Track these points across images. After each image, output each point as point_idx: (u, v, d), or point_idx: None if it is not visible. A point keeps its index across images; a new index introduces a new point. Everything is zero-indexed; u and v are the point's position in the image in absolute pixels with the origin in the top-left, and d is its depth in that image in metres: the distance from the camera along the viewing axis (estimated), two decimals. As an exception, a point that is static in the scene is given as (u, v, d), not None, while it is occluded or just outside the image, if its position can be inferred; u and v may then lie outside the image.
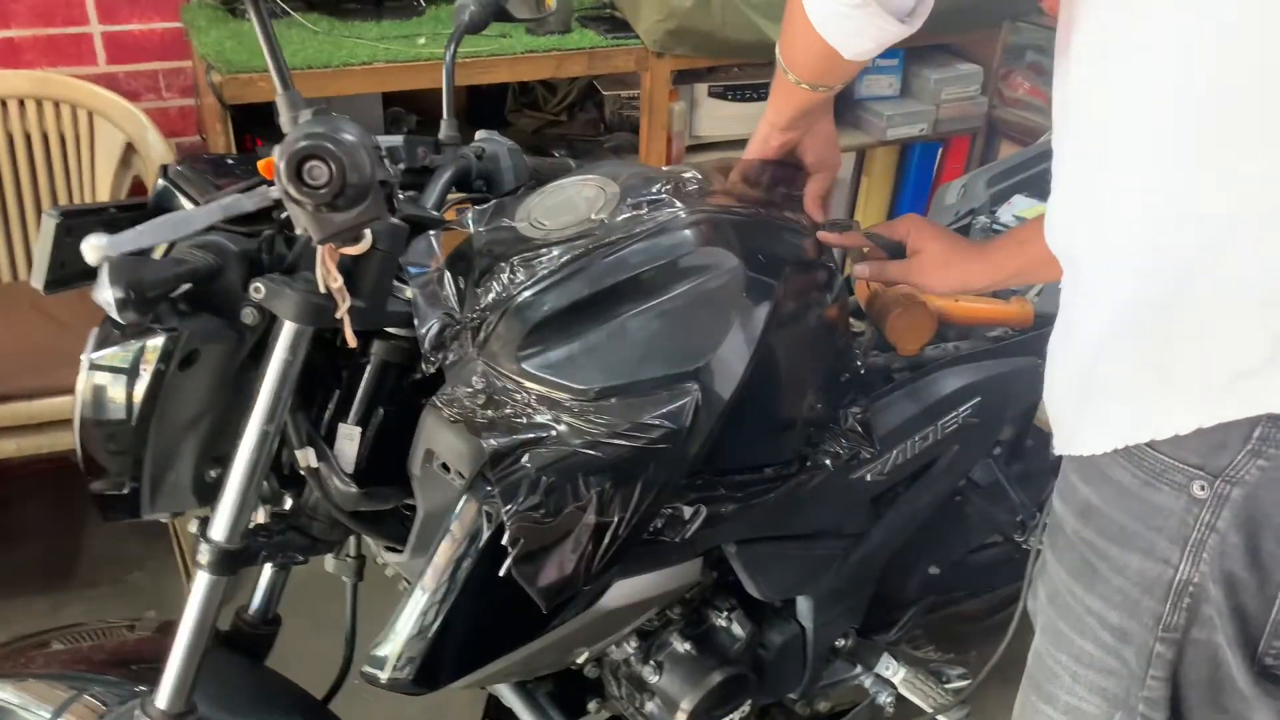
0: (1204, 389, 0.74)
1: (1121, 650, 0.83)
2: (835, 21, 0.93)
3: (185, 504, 0.93)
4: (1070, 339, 0.85)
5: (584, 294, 0.93)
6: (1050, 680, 0.90)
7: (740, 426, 0.99)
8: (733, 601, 1.27)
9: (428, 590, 0.90)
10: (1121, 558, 0.81)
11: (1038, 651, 0.92)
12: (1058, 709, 0.90)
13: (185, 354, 0.82)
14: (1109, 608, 0.83)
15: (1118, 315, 0.77)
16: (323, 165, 0.61)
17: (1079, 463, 0.83)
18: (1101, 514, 0.81)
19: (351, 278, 0.85)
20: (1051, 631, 0.89)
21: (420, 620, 0.90)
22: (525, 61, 1.93)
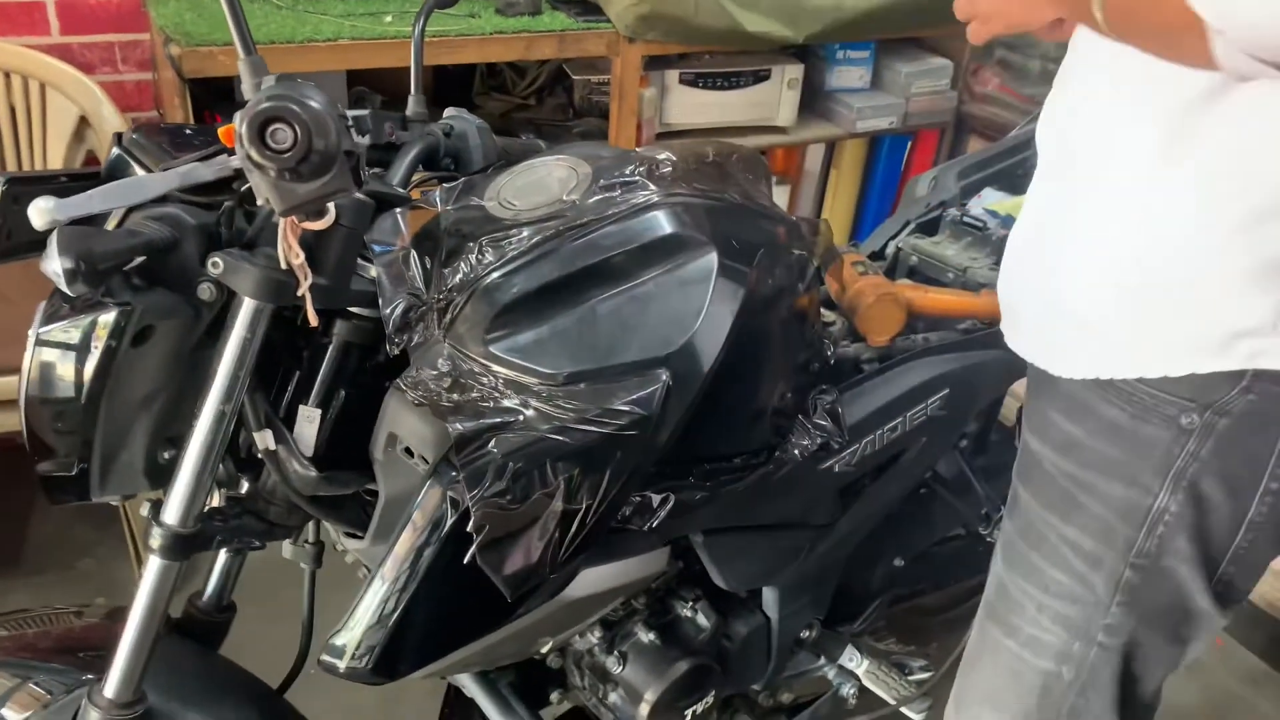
0: (1202, 343, 0.77)
1: (1091, 577, 0.88)
2: None
3: (137, 486, 0.90)
4: (1061, 258, 0.84)
5: (554, 276, 0.91)
6: (1014, 612, 0.94)
7: (711, 414, 0.97)
8: (698, 592, 1.26)
9: (388, 578, 0.87)
10: (1105, 487, 0.85)
11: (1002, 585, 0.96)
12: (1019, 640, 0.94)
13: (138, 330, 0.78)
14: (1085, 535, 0.87)
15: (1118, 256, 0.79)
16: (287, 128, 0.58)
17: (1061, 400, 0.86)
18: (1086, 447, 0.85)
19: (314, 254, 0.82)
20: (1021, 564, 0.93)
21: (380, 609, 0.87)
22: (494, 42, 1.90)
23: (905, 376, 1.26)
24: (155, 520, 0.85)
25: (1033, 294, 0.90)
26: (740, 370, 1.00)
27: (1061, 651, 0.92)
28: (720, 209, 1.02)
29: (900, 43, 2.42)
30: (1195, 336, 0.77)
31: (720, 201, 1.03)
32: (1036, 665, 0.94)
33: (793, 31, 2.10)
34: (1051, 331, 0.88)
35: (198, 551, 0.87)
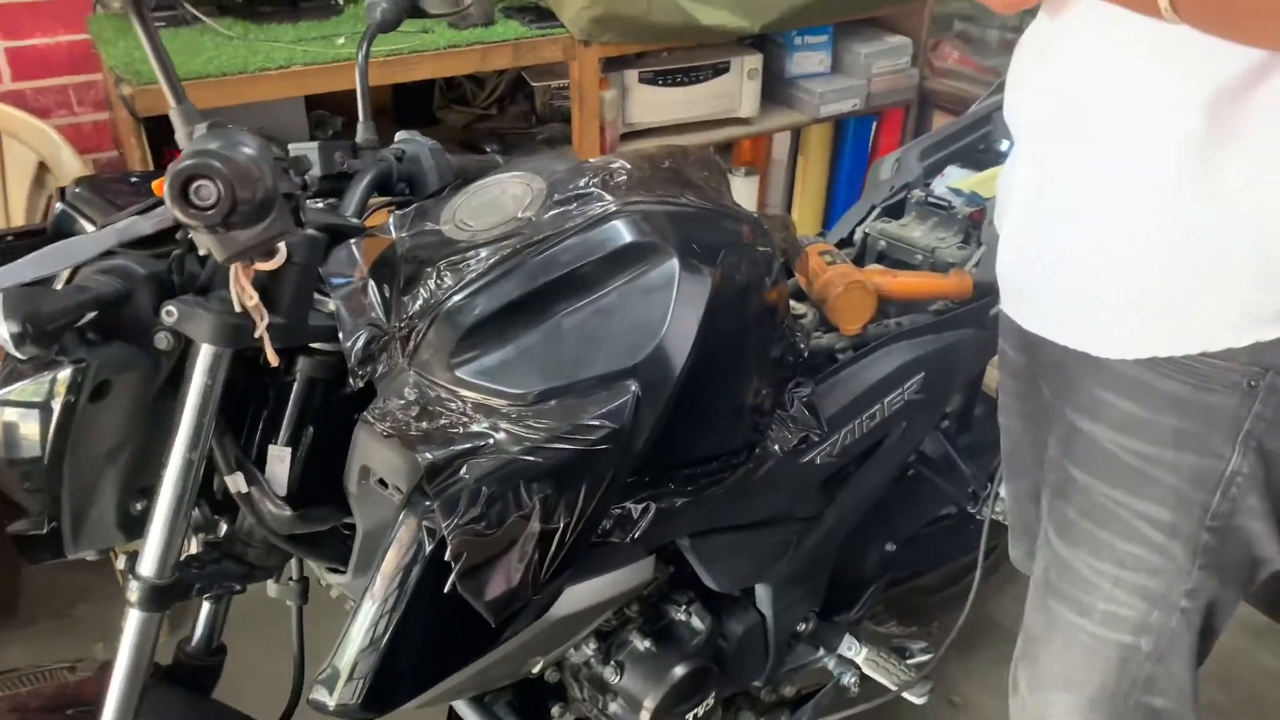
0: (1262, 311, 0.78)
1: (1170, 546, 0.89)
2: None
3: (111, 540, 0.89)
4: (1097, 236, 0.84)
5: (516, 295, 0.91)
6: (1086, 591, 0.94)
7: (686, 419, 0.97)
8: (690, 594, 1.25)
9: (371, 612, 0.86)
10: (1176, 458, 0.86)
11: (1066, 565, 0.96)
12: (1094, 619, 0.95)
13: (96, 385, 0.78)
14: (1160, 507, 0.88)
15: (1167, 231, 0.79)
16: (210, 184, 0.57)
17: (1110, 378, 0.87)
18: (1150, 423, 0.86)
19: (268, 294, 0.81)
20: (1088, 543, 0.93)
21: (365, 643, 0.87)
22: (449, 56, 1.88)
23: (880, 363, 1.26)
24: (131, 573, 0.84)
25: (1060, 274, 0.88)
26: (712, 372, 1.00)
27: (1140, 623, 0.93)
28: (679, 213, 1.01)
29: (857, 24, 2.41)
30: (1256, 307, 0.79)
31: (678, 205, 1.02)
32: (1114, 639, 0.94)
33: (748, 21, 2.09)
34: (1091, 312, 0.87)
35: (177, 601, 0.86)
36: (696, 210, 1.04)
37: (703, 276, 0.97)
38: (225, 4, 1.98)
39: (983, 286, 1.34)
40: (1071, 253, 0.86)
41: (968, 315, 1.34)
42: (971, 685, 1.84)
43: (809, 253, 1.33)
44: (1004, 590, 2.03)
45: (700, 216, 1.04)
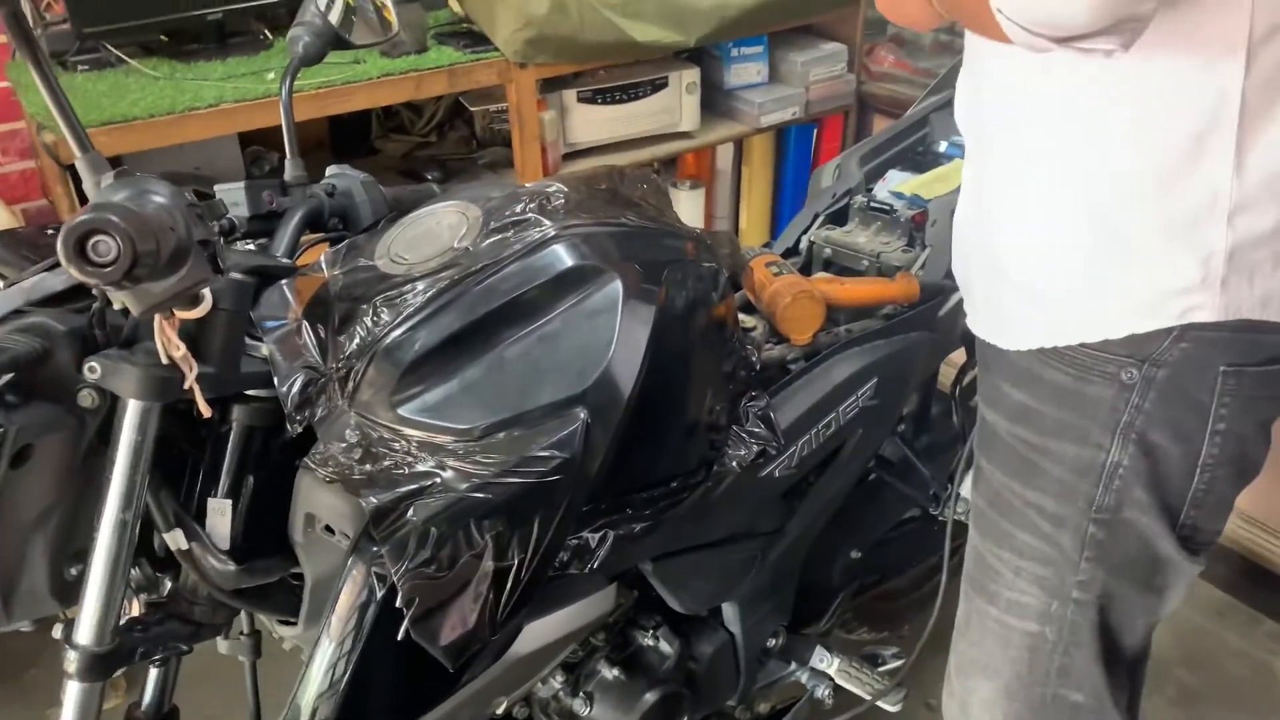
0: (1136, 304, 0.80)
1: (1058, 536, 0.91)
2: None
3: (46, 609, 0.85)
4: (1000, 233, 0.88)
5: (456, 327, 0.88)
6: (993, 579, 0.96)
7: (640, 441, 0.95)
8: (657, 618, 1.23)
9: (323, 666, 0.84)
10: (1059, 448, 0.88)
11: (978, 555, 0.98)
12: (1000, 606, 0.96)
13: (17, 450, 0.74)
14: (1046, 497, 0.90)
15: (1055, 227, 0.82)
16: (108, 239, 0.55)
17: (1009, 371, 0.90)
18: (1037, 413, 0.88)
19: (196, 343, 0.79)
20: (993, 532, 0.95)
21: (324, 687, 0.84)
22: (383, 86, 1.86)
23: (833, 371, 1.25)
24: (68, 642, 0.81)
25: (979, 271, 0.93)
26: (664, 391, 0.98)
27: (1041, 612, 0.94)
28: (619, 233, 1.00)
29: (792, 33, 2.42)
30: (1131, 299, 0.80)
31: (618, 226, 1.01)
32: (1020, 628, 0.96)
33: (683, 36, 2.09)
34: (999, 307, 0.90)
35: (119, 668, 0.83)
36: (637, 229, 1.02)
37: (647, 296, 0.95)
38: (150, 44, 1.94)
39: (930, 289, 1.34)
40: (990, 252, 0.89)
41: (917, 318, 1.34)
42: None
43: (755, 264, 1.33)
44: (972, 588, 2.04)
45: (641, 236, 1.02)
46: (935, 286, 1.35)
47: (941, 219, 1.40)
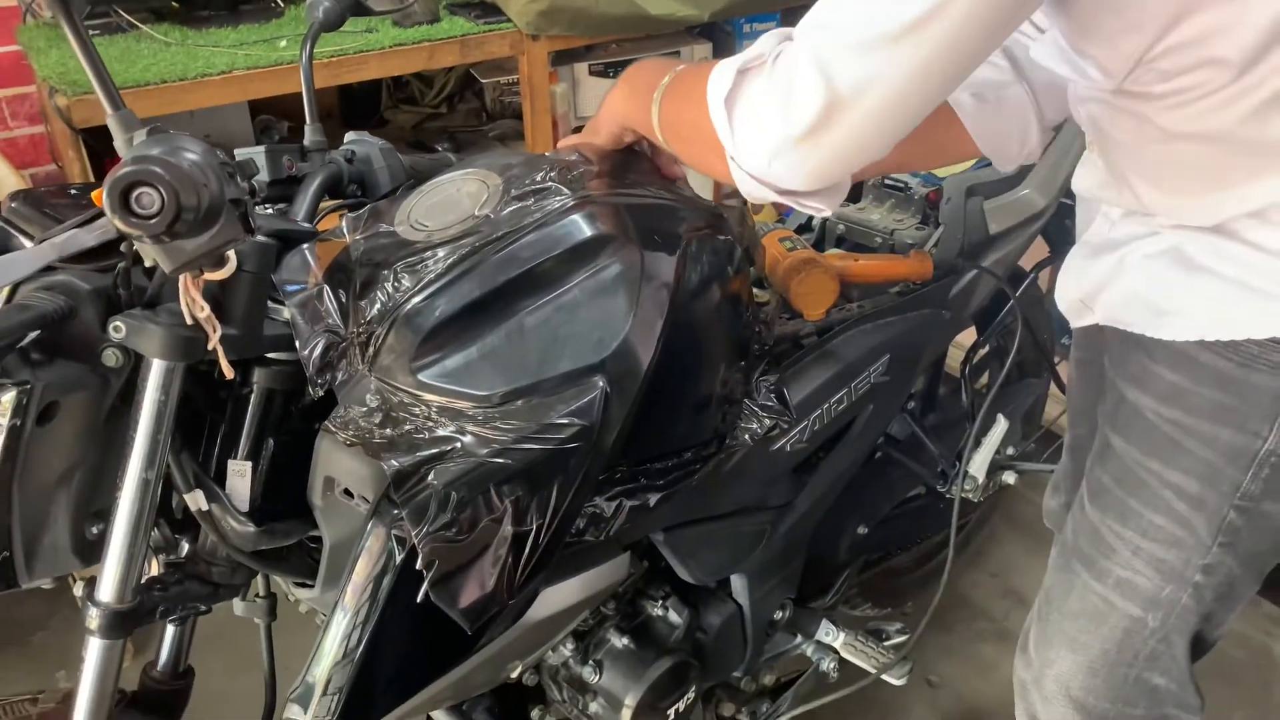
0: None
1: (1193, 519, 0.91)
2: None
3: (67, 566, 0.86)
4: (1156, 249, 0.89)
5: (476, 295, 0.89)
6: (1106, 555, 0.97)
7: (655, 412, 0.96)
8: (666, 589, 1.24)
9: (342, 627, 0.84)
10: (1211, 431, 0.88)
11: (1094, 530, 0.98)
12: (1107, 583, 0.97)
13: (43, 407, 0.75)
14: (1189, 478, 0.90)
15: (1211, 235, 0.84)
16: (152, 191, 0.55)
17: (1162, 351, 0.89)
18: (1192, 394, 0.88)
19: (220, 304, 0.79)
20: (1116, 509, 0.95)
21: (339, 655, 0.85)
22: (395, 55, 1.85)
23: (846, 347, 1.26)
24: (90, 599, 0.82)
25: (1128, 272, 0.91)
26: (679, 364, 0.98)
27: (1151, 597, 0.95)
28: (638, 205, 1.00)
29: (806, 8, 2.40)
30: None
31: (637, 197, 1.01)
32: (1123, 609, 0.97)
33: (696, 10, 2.08)
34: (1157, 301, 0.89)
35: (139, 626, 0.84)
36: (655, 202, 1.02)
37: (665, 268, 0.96)
38: (161, 9, 1.93)
39: (943, 266, 1.35)
40: (1145, 241, 0.90)
41: (930, 295, 1.34)
42: (949, 663, 1.85)
43: (768, 240, 1.33)
44: (976, 566, 2.05)
45: (660, 208, 1.02)
46: (948, 264, 1.36)
47: (955, 197, 1.40)
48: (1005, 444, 1.51)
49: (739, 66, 0.80)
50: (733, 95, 0.79)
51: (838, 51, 0.72)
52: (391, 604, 0.85)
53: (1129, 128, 0.85)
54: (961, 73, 0.74)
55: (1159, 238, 0.89)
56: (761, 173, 0.80)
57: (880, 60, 0.70)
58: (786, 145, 0.76)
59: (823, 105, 0.72)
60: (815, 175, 0.79)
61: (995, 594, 2.00)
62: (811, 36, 0.74)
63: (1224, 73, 0.74)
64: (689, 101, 0.86)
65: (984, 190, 1.40)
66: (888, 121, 0.74)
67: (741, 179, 0.83)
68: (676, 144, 0.94)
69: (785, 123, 0.75)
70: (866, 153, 0.77)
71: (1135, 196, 0.89)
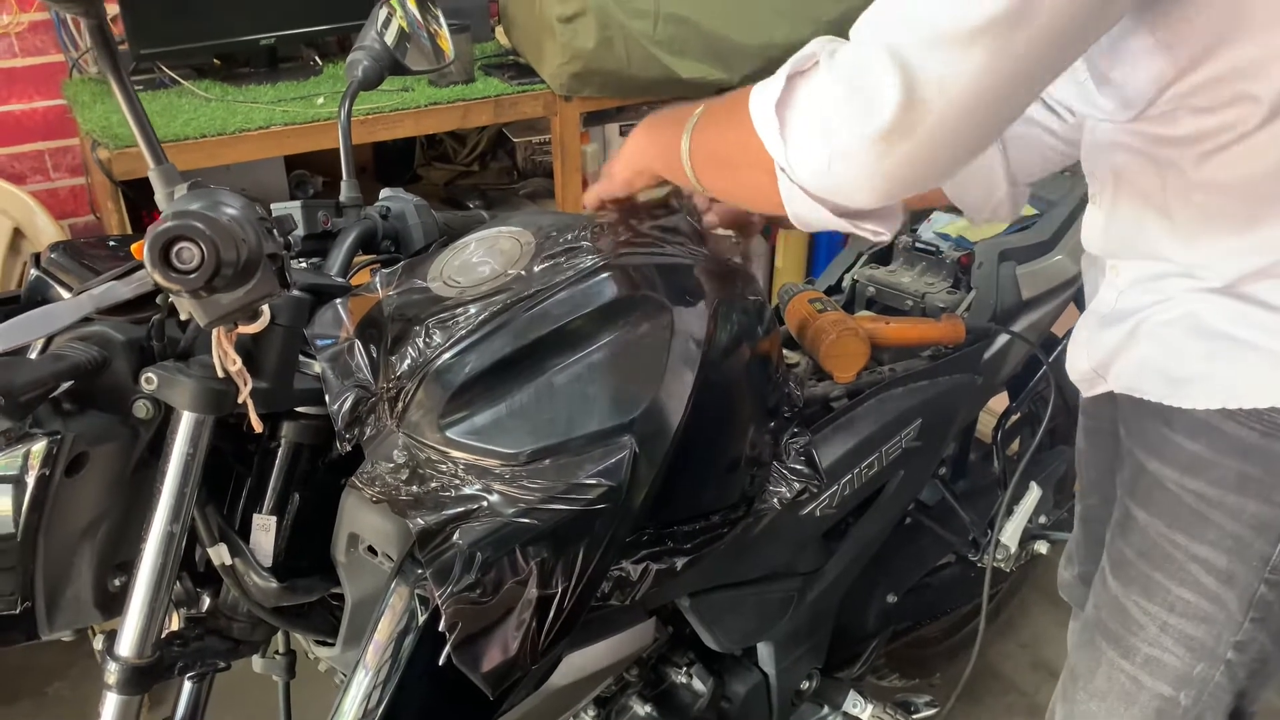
0: None
1: (1223, 595, 0.87)
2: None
3: (88, 619, 0.85)
4: (1170, 316, 0.87)
5: (506, 352, 0.88)
6: (1133, 633, 0.93)
7: (683, 474, 0.95)
8: (691, 656, 1.22)
9: (362, 688, 0.83)
10: (1238, 503, 0.85)
11: (1119, 607, 0.95)
12: (1135, 661, 0.93)
13: (72, 458, 0.74)
14: (1217, 552, 0.87)
15: (1232, 304, 0.82)
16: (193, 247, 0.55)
17: (1181, 421, 0.87)
18: (1216, 465, 0.85)
19: (252, 357, 0.79)
20: (1141, 585, 0.92)
21: (359, 716, 0.83)
22: (430, 114, 1.88)
23: (877, 411, 1.24)
24: (109, 654, 0.80)
25: (1142, 341, 0.90)
26: (709, 425, 0.97)
27: (1182, 675, 0.92)
28: (670, 265, 1.00)
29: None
30: None
31: (669, 257, 1.01)
32: (1153, 689, 0.93)
33: (727, 74, 2.10)
34: (1173, 369, 0.87)
35: (158, 682, 0.82)
36: (688, 261, 1.02)
37: (696, 328, 0.95)
38: (203, 66, 1.98)
39: (975, 331, 1.33)
40: (1165, 324, 0.88)
41: (962, 360, 1.33)
42: (977, 737, 1.80)
43: (798, 301, 1.32)
44: (1006, 637, 2.00)
45: (692, 268, 1.02)
46: (981, 329, 1.34)
47: (988, 262, 1.39)
48: (1038, 513, 1.49)
49: (789, 71, 0.73)
50: (786, 99, 0.72)
51: (918, 47, 0.66)
52: (413, 665, 0.83)
53: (1153, 176, 0.83)
54: (1046, 76, 0.69)
55: (1172, 304, 0.87)
56: (820, 181, 0.72)
57: (964, 57, 0.65)
58: (857, 144, 0.68)
59: (901, 102, 0.66)
60: (886, 180, 0.70)
61: (1026, 666, 1.95)
62: (885, 33, 0.68)
63: (1255, 112, 0.73)
64: (728, 122, 0.80)
65: (1017, 255, 1.39)
66: (966, 126, 0.68)
67: (793, 196, 0.75)
68: (712, 173, 0.87)
69: (857, 119, 0.68)
70: (939, 163, 0.70)
71: (1152, 249, 0.87)
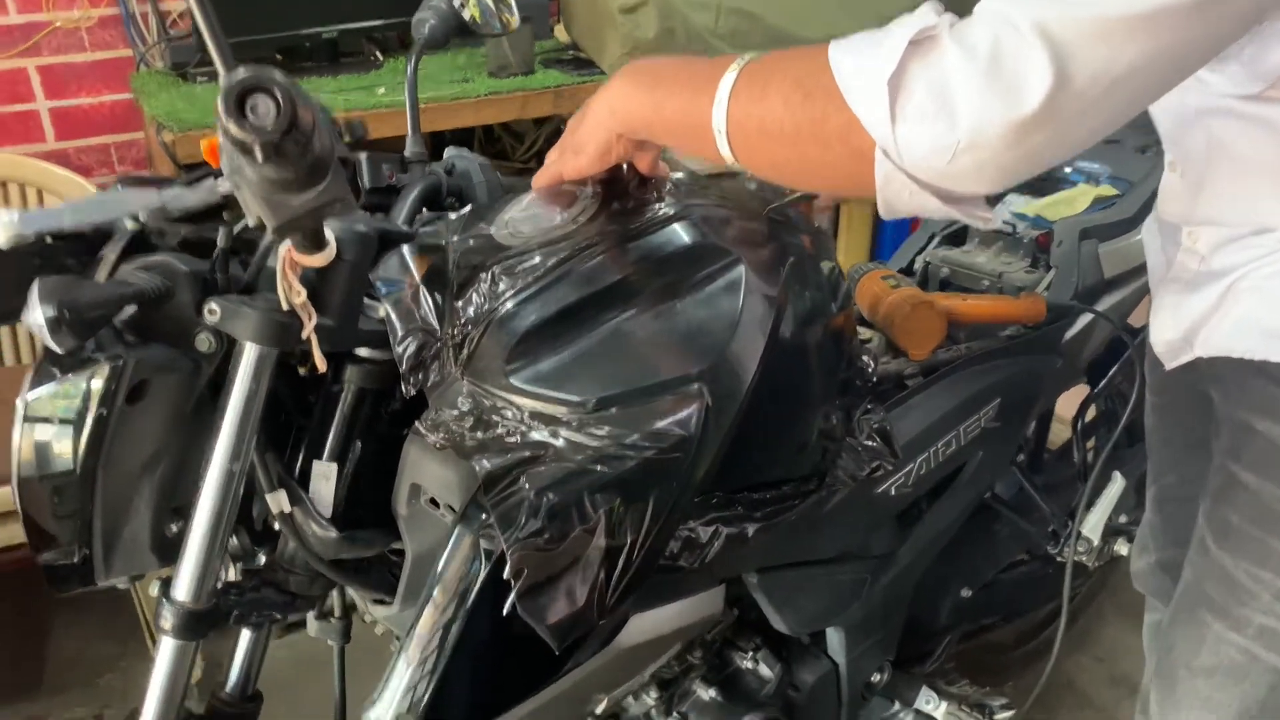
0: None
1: None
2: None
3: (145, 565, 0.82)
4: (1273, 270, 0.83)
5: (573, 299, 0.85)
6: (1244, 602, 0.88)
7: (753, 438, 0.90)
8: (757, 640, 1.17)
9: (422, 641, 0.79)
10: None
11: (1227, 576, 0.90)
12: (1248, 633, 0.88)
13: (133, 385, 0.72)
14: None
15: None
16: (268, 99, 0.53)
17: None
18: None
19: (316, 293, 0.76)
20: (1254, 551, 0.87)
21: (415, 675, 0.79)
22: (489, 104, 1.88)
23: (954, 388, 1.19)
24: (166, 597, 0.78)
25: (1242, 298, 0.86)
26: (779, 388, 0.93)
27: None
28: (741, 219, 0.96)
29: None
30: None
31: (740, 211, 0.97)
32: (1268, 662, 0.88)
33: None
34: (1277, 323, 0.84)
35: (214, 628, 0.79)
36: (759, 219, 0.98)
37: (770, 283, 0.91)
38: (265, 60, 1.99)
39: (1057, 309, 1.27)
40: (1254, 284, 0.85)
41: (1041, 339, 1.27)
42: (1051, 750, 1.71)
43: (869, 279, 1.27)
44: (1081, 649, 1.91)
45: (764, 225, 0.98)
46: (1062, 307, 1.29)
47: (1068, 240, 1.34)
48: (1118, 511, 1.41)
49: (902, 43, 0.66)
50: (901, 75, 0.65)
51: (1076, 29, 0.61)
52: (474, 619, 0.79)
53: (1262, 140, 0.79)
54: (1206, 60, 0.67)
55: (1274, 257, 0.83)
56: (936, 167, 0.66)
57: (1128, 44, 0.61)
58: (991, 131, 0.63)
59: (1050, 90, 0.61)
60: (1012, 168, 0.66)
61: (1103, 680, 1.86)
62: (1035, 9, 0.62)
63: None
64: (797, 90, 0.72)
65: (1099, 233, 1.34)
66: (1108, 113, 0.65)
67: (893, 181, 0.69)
68: (764, 148, 0.77)
69: (996, 105, 0.63)
70: (1067, 150, 0.67)
71: (1250, 212, 0.83)
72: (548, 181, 0.95)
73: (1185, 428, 1.11)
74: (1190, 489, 1.08)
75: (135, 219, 0.75)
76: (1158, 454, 1.18)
